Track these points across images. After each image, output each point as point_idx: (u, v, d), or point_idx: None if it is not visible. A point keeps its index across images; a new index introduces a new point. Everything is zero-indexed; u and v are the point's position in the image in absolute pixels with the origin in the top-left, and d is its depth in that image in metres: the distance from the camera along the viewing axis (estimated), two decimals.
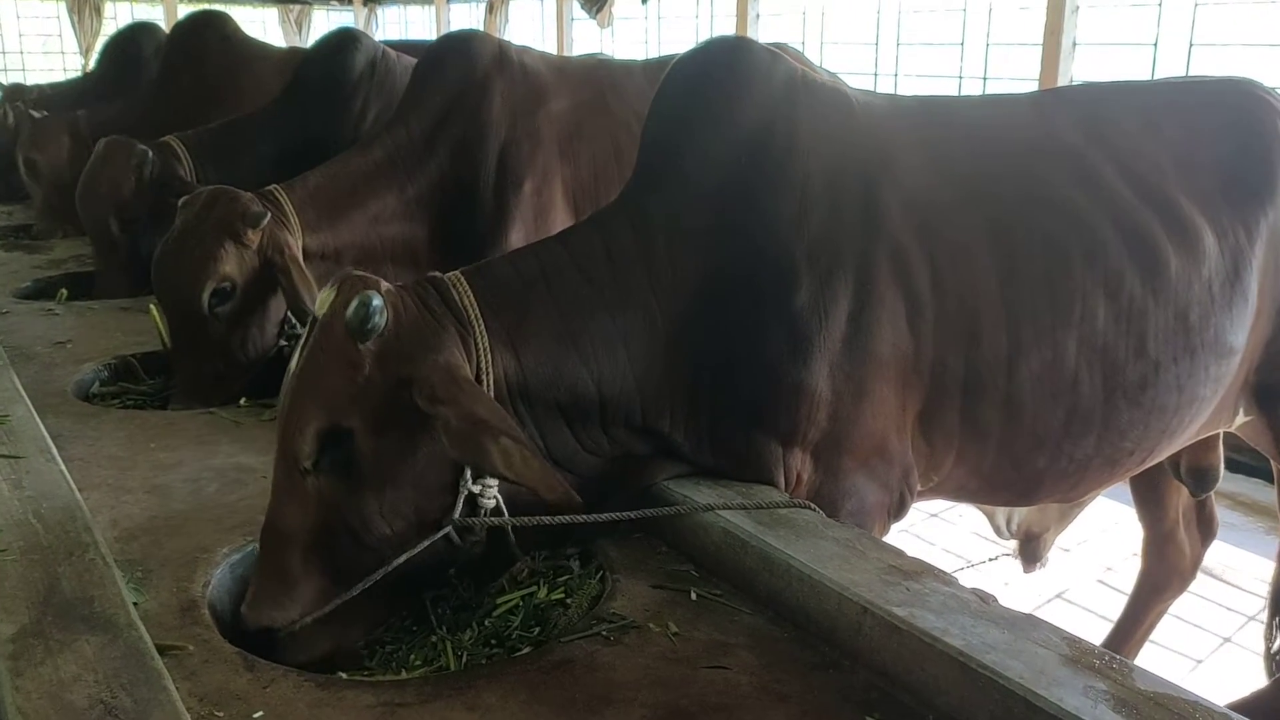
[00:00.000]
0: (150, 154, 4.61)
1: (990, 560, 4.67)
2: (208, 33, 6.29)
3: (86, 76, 8.37)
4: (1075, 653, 1.77)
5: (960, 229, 2.56)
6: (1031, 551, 3.63)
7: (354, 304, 2.08)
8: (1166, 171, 2.78)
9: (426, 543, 2.16)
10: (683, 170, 2.51)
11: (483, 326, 2.27)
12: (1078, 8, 6.76)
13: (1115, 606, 4.68)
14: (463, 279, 2.35)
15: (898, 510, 2.62)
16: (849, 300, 2.44)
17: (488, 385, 2.25)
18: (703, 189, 2.49)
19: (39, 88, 7.87)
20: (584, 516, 2.22)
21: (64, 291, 4.77)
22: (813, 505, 2.35)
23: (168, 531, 2.51)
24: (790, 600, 2.11)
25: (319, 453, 2.11)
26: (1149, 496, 3.55)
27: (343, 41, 5.33)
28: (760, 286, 2.43)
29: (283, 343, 3.65)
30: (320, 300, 2.24)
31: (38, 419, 2.89)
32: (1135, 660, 3.24)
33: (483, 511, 2.22)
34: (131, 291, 4.69)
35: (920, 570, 2.07)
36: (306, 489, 2.14)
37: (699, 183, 2.50)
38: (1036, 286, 2.59)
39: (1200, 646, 4.52)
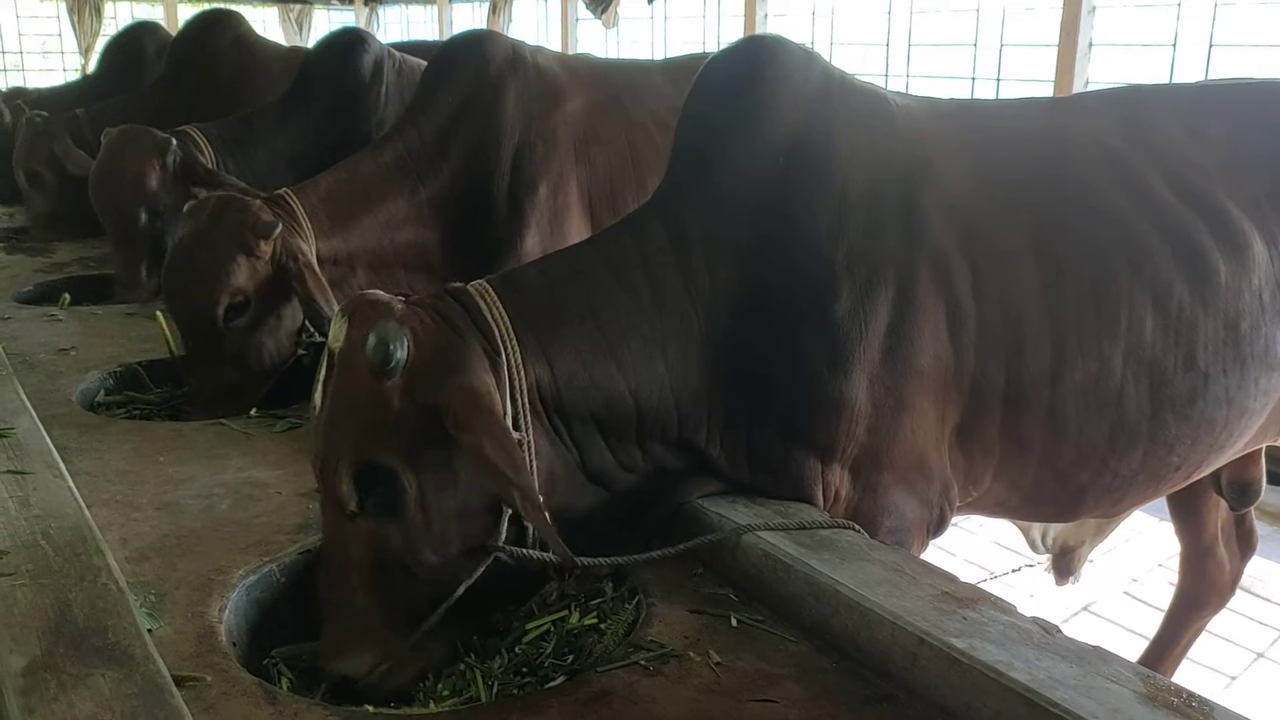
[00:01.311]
0: (174, 142, 4.49)
1: (1014, 571, 4.57)
2: (219, 32, 6.19)
3: (87, 78, 8.24)
4: (1151, 689, 1.67)
5: (1003, 236, 2.47)
6: (1065, 566, 3.54)
7: (372, 340, 1.98)
8: (1213, 176, 2.68)
9: (479, 571, 2.09)
10: (717, 174, 2.42)
11: (514, 339, 2.17)
12: (1094, 8, 6.67)
13: (1142, 619, 4.60)
14: (490, 289, 2.26)
15: (937, 527, 2.53)
16: (889, 310, 2.35)
17: (520, 401, 2.16)
18: (738, 193, 2.40)
19: (38, 91, 7.74)
20: (628, 558, 2.14)
21: (67, 296, 4.66)
22: (855, 525, 2.25)
23: (180, 552, 2.41)
24: (838, 628, 2.01)
25: (362, 495, 2.03)
26: (1187, 511, 3.46)
27: (348, 41, 5.24)
28: (798, 296, 2.34)
29: (300, 351, 3.56)
30: (334, 333, 2.14)
31: (44, 432, 2.78)
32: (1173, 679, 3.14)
33: (530, 530, 2.13)
34: (155, 293, 4.56)
35: (976, 597, 1.97)
36: (357, 531, 2.06)
37: (734, 187, 2.40)
38: (1081, 295, 2.49)
39: (1233, 662, 4.42)
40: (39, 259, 5.54)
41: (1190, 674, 4.09)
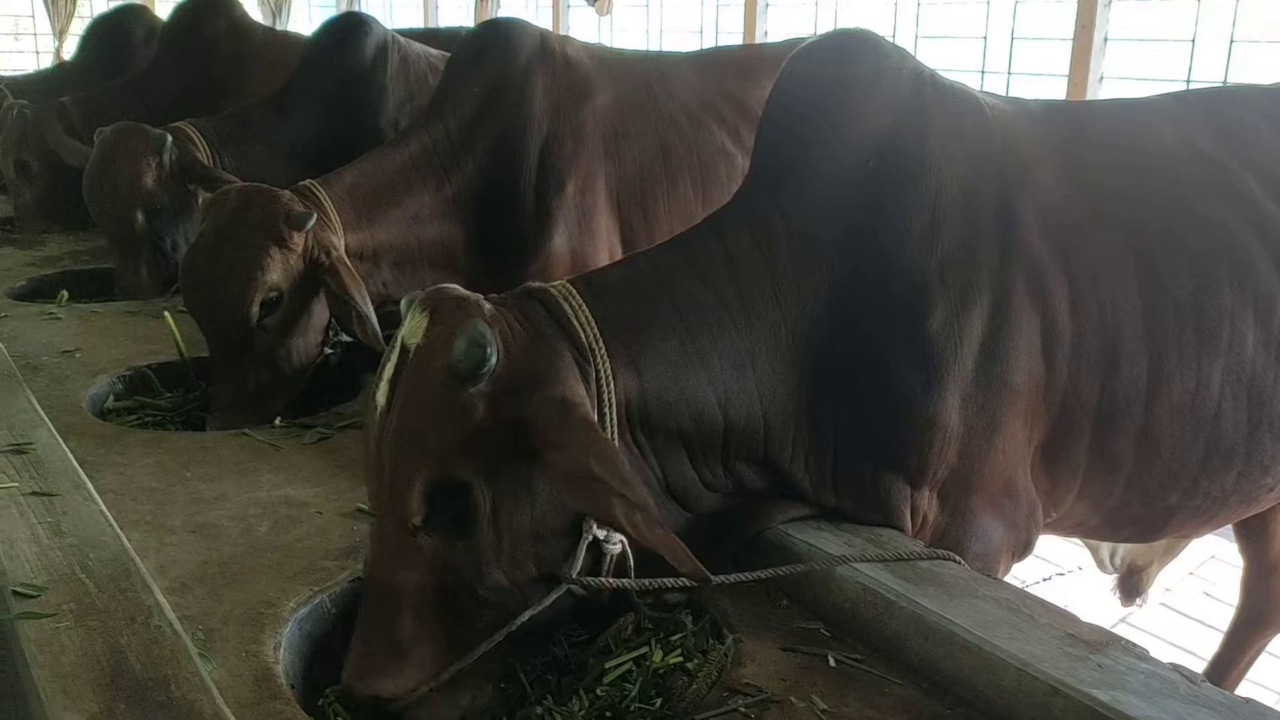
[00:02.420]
0: (170, 138, 4.30)
1: (1044, 580, 4.47)
2: (213, 18, 5.95)
3: (67, 63, 7.94)
4: None
5: (1100, 246, 2.34)
6: (1133, 586, 3.42)
7: (463, 343, 1.82)
8: None
9: (550, 599, 1.94)
10: (804, 176, 2.27)
11: (603, 349, 2.02)
12: (1110, 2, 6.54)
13: (1179, 630, 4.51)
14: (574, 291, 2.10)
15: (1023, 550, 2.41)
16: (983, 325, 2.21)
17: (610, 415, 2.01)
18: (826, 197, 2.25)
19: (13, 78, 7.45)
20: (717, 578, 1.97)
21: (64, 293, 4.45)
22: (955, 556, 2.11)
23: (224, 581, 2.24)
24: (950, 671, 1.88)
25: (431, 509, 1.86)
26: (1253, 528, 3.34)
27: (349, 26, 5.02)
28: (889, 308, 2.20)
29: (327, 350, 3.39)
30: (410, 328, 1.96)
31: (65, 448, 2.60)
32: None
33: (608, 559, 1.99)
34: (160, 291, 4.38)
35: (1105, 640, 1.84)
36: (418, 547, 1.89)
37: (822, 190, 2.25)
38: (1181, 309, 2.36)
39: None
40: (29, 252, 5.31)
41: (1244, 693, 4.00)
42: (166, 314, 3.66)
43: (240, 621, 2.08)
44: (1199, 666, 4.13)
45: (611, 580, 1.97)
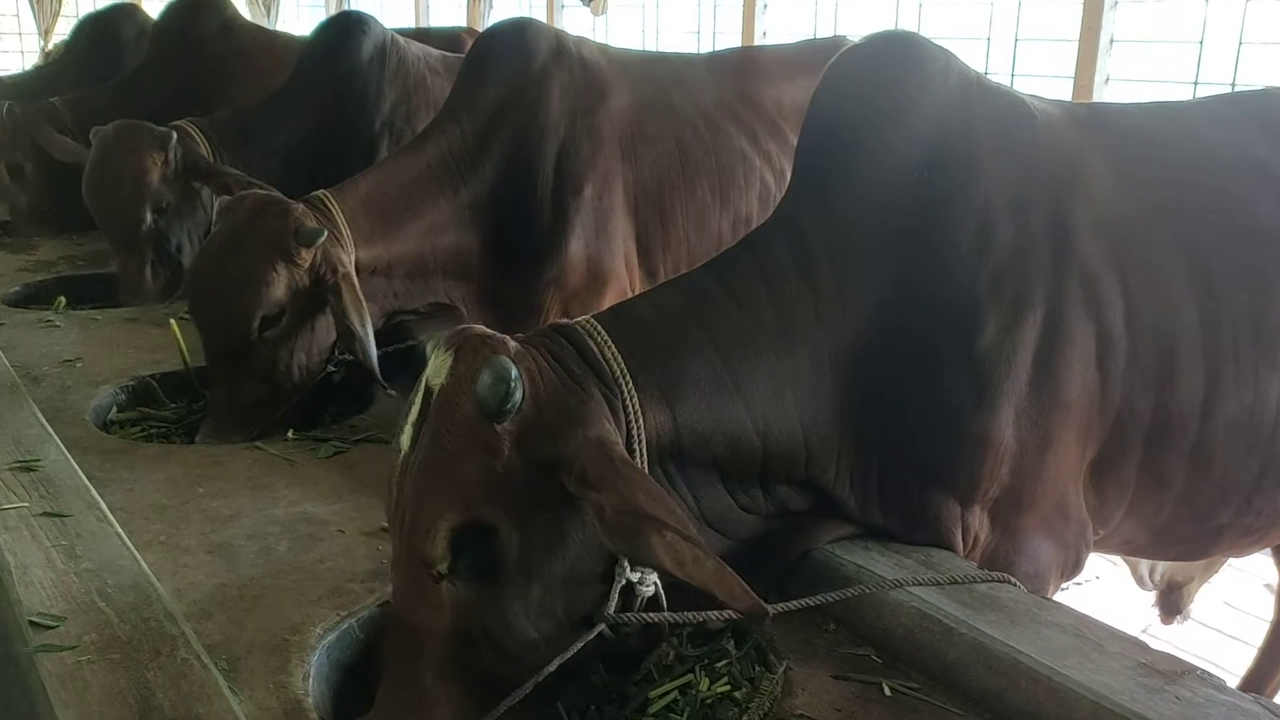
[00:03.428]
0: (175, 135, 4.19)
1: (1075, 585, 4.38)
2: (205, 18, 5.83)
3: (54, 64, 7.79)
4: None
5: (1155, 255, 2.26)
6: (1172, 603, 3.35)
7: (487, 378, 1.72)
8: None
9: (580, 644, 1.82)
10: (847, 185, 2.19)
11: (630, 384, 1.93)
12: (1116, 3, 6.49)
13: (1200, 640, 4.45)
14: (600, 327, 2.00)
15: (1072, 570, 2.33)
16: (1037, 337, 2.13)
17: (639, 452, 1.92)
18: (870, 207, 2.17)
19: None
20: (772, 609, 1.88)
21: (62, 299, 4.34)
22: (1011, 579, 2.03)
23: (245, 605, 2.14)
24: (1016, 702, 1.79)
25: (455, 555, 1.77)
26: None
27: (348, 25, 4.92)
28: (939, 321, 2.12)
29: (331, 369, 3.28)
30: (434, 368, 1.87)
31: (75, 465, 2.50)
32: None
33: (639, 601, 1.89)
34: (163, 297, 4.28)
35: (1180, 670, 1.76)
36: (440, 595, 1.79)
37: (866, 200, 2.17)
38: (1238, 320, 2.29)
39: None
40: (22, 256, 5.19)
41: None
42: (172, 322, 3.56)
43: (265, 650, 1.98)
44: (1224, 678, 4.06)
45: (648, 615, 1.88)
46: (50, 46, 12.09)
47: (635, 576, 1.85)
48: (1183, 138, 2.48)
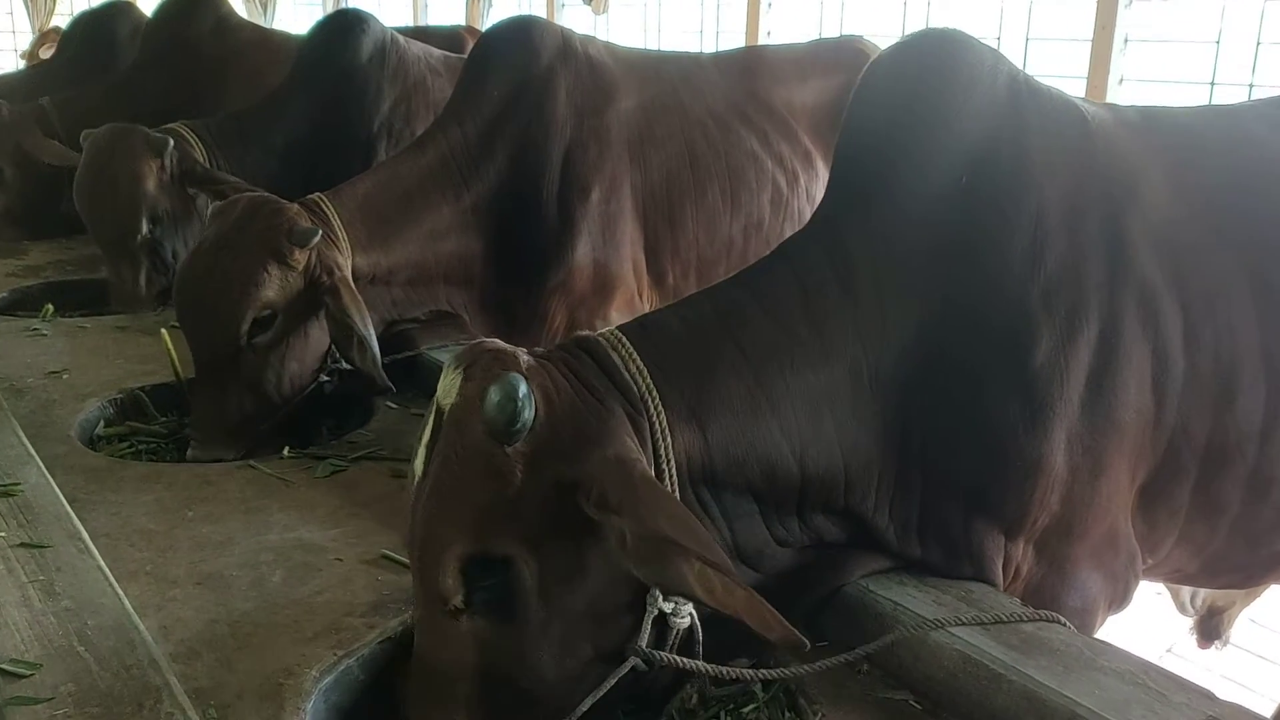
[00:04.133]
0: (171, 141, 4.03)
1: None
2: (199, 16, 5.67)
3: (47, 62, 7.62)
4: None
5: (1214, 268, 2.12)
6: (1212, 629, 3.22)
7: (494, 395, 1.60)
8: None
9: (612, 681, 1.69)
10: (889, 193, 2.04)
11: (657, 401, 1.80)
12: (1131, 2, 6.35)
13: (1223, 659, 4.32)
14: (625, 340, 1.87)
15: (1120, 603, 2.19)
16: (1091, 355, 1.99)
17: (668, 474, 1.78)
18: (914, 216, 2.02)
19: None
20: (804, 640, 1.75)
21: (49, 307, 4.18)
22: (1060, 618, 1.88)
23: (235, 644, 2.00)
24: None
25: (469, 587, 1.65)
26: None
27: (347, 24, 4.77)
28: (988, 339, 1.97)
29: (323, 379, 3.14)
30: (444, 387, 1.74)
31: (56, 489, 2.35)
32: None
33: (674, 634, 1.74)
34: (156, 305, 4.13)
35: None
36: (459, 632, 1.68)
37: (909, 208, 2.03)
38: None
39: None
40: (9, 261, 5.03)
41: None
42: (164, 332, 3.41)
43: (257, 695, 1.84)
44: (1249, 696, 3.94)
45: (684, 660, 1.73)
46: (29, 48, 11.77)
47: (669, 607, 1.71)
48: (1238, 142, 2.33)
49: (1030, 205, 2.01)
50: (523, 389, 1.61)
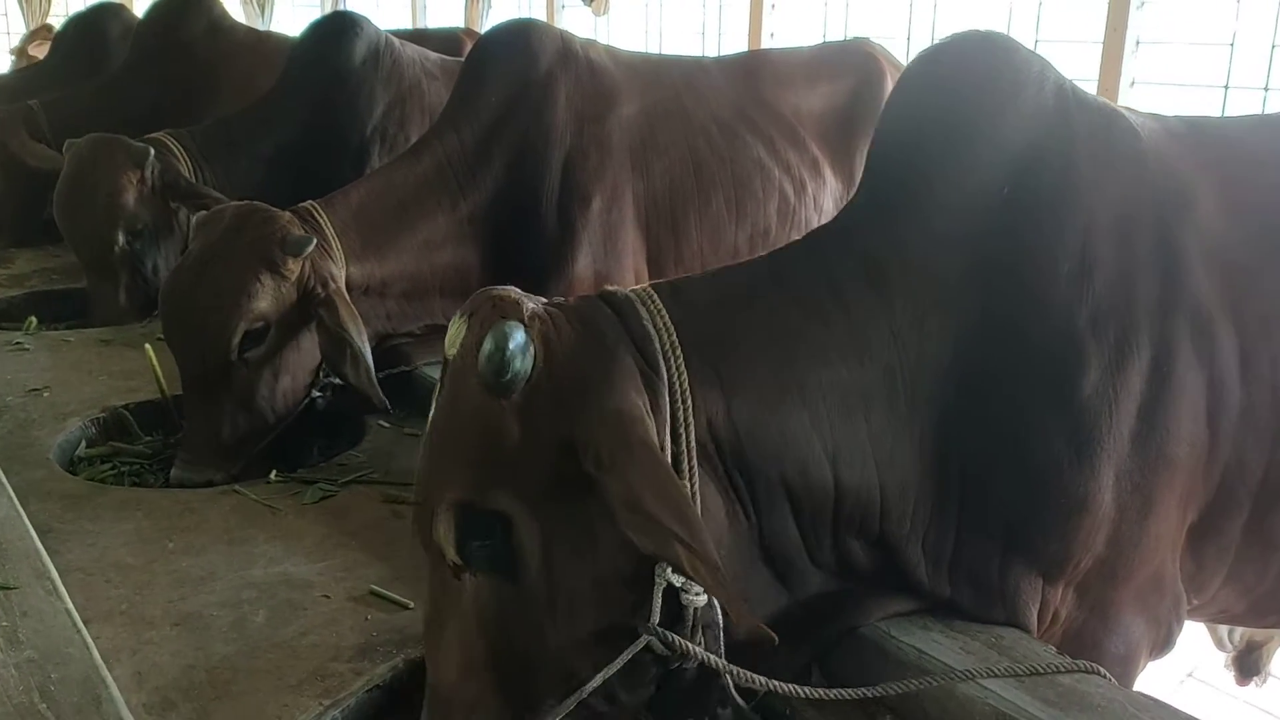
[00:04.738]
0: (152, 151, 3.90)
1: None
2: (192, 17, 5.53)
3: (40, 63, 7.49)
4: None
5: (1270, 292, 1.97)
6: (1251, 665, 3.08)
7: (487, 346, 1.55)
8: None
9: (626, 657, 1.60)
10: (925, 199, 1.90)
11: (680, 360, 1.69)
12: (1143, 3, 6.22)
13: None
14: (654, 295, 1.77)
15: (1162, 648, 2.05)
16: (1142, 384, 1.85)
17: (686, 440, 1.68)
18: (951, 227, 1.88)
19: None
20: (814, 691, 1.63)
21: (33, 320, 4.06)
22: (1099, 669, 1.75)
23: (214, 693, 1.87)
24: None
25: (465, 542, 1.61)
26: None
27: (340, 26, 4.63)
28: (1032, 363, 1.83)
29: (315, 394, 3.01)
30: (450, 337, 1.68)
31: (27, 522, 2.22)
32: None
33: (691, 613, 1.63)
34: (139, 316, 4.00)
35: None
36: (464, 592, 1.65)
37: (946, 218, 1.88)
38: None
39: None
40: None
41: None
42: (148, 347, 3.28)
43: None
44: None
45: (702, 652, 1.62)
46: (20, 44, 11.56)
47: (678, 581, 1.61)
48: None
49: (1078, 222, 1.87)
50: (516, 339, 1.55)
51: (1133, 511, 1.85)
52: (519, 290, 1.70)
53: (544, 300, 1.73)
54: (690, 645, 1.62)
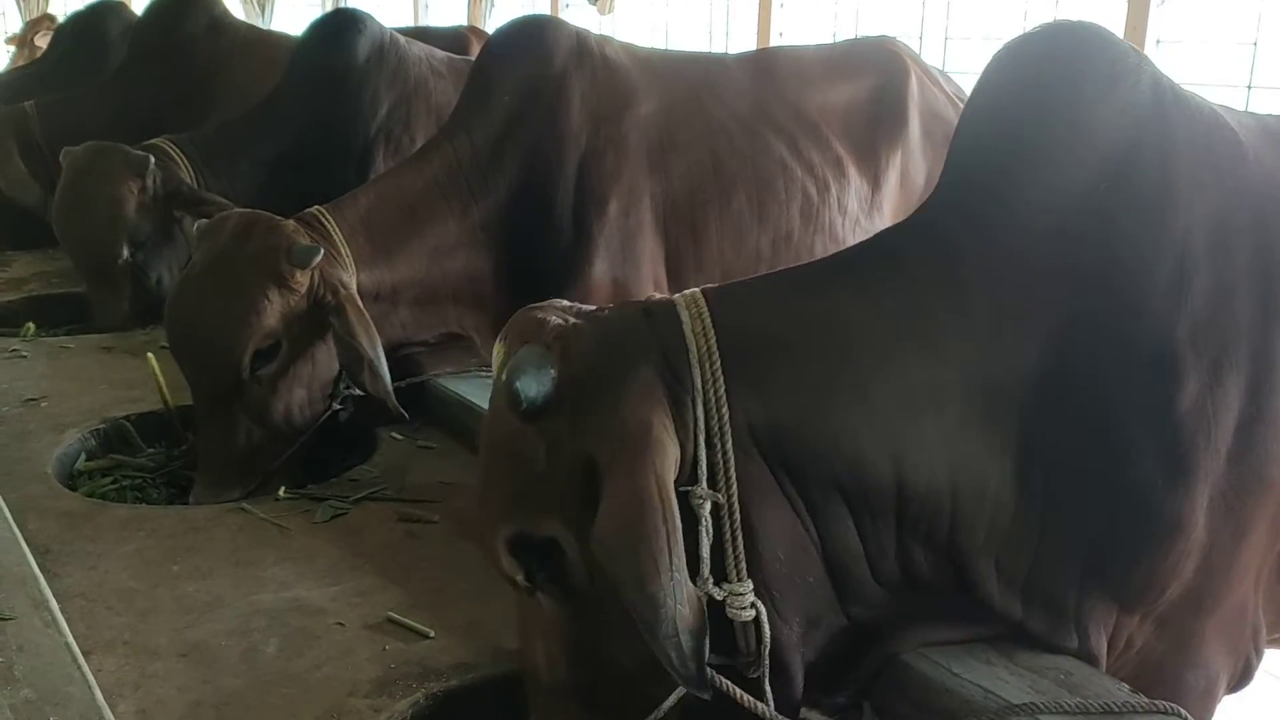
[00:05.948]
0: (152, 159, 3.78)
1: None
2: (192, 15, 5.41)
3: (37, 63, 7.36)
4: None
5: None
6: None
7: (510, 374, 1.58)
8: None
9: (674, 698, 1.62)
10: (1010, 197, 1.78)
11: (716, 363, 1.63)
12: (1163, 1, 6.10)
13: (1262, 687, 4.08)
14: (700, 299, 1.72)
15: (1240, 680, 1.94)
16: (1241, 402, 1.73)
17: (722, 449, 1.60)
18: (1038, 226, 1.76)
19: None
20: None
21: (30, 326, 3.94)
22: (1181, 711, 1.63)
23: None
24: None
25: (526, 565, 1.67)
26: None
27: (342, 24, 4.50)
28: (1122, 375, 1.72)
29: (336, 406, 2.89)
30: (495, 359, 1.73)
31: (24, 546, 2.10)
32: None
33: (744, 630, 1.62)
34: (141, 323, 3.89)
35: None
36: (539, 611, 1.71)
37: (1033, 217, 1.76)
38: None
39: None
40: None
41: None
42: (150, 356, 3.16)
43: None
44: None
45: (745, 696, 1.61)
46: (20, 32, 11.39)
47: (719, 594, 1.57)
48: None
49: (1178, 226, 1.75)
50: (530, 366, 1.58)
51: (1225, 537, 1.74)
52: (563, 303, 1.68)
53: (586, 310, 1.71)
54: (738, 690, 1.59)
